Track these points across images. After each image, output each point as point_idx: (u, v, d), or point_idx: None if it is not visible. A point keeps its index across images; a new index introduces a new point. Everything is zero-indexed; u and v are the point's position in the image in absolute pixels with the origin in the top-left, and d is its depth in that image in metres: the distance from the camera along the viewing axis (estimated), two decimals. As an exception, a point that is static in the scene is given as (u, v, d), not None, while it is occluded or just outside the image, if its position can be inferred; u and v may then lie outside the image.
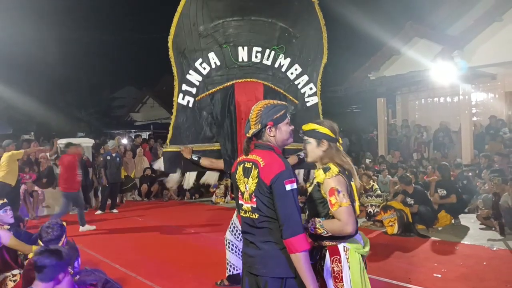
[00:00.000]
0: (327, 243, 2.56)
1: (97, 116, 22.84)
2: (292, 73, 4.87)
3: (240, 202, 2.49)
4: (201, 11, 4.72)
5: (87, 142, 12.27)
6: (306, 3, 4.86)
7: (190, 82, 4.76)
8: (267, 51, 4.79)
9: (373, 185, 9.12)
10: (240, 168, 2.50)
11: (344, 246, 2.56)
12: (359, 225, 2.66)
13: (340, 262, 2.54)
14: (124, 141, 15.02)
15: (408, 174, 8.84)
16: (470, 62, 11.77)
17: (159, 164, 4.93)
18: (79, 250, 4.01)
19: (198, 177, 4.83)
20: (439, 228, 7.64)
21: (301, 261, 2.26)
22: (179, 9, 4.68)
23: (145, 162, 13.34)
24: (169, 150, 4.79)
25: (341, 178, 2.51)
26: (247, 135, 2.50)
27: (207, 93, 4.77)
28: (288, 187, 2.29)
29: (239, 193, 2.51)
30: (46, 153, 11.21)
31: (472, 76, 11.95)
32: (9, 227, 4.61)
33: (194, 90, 4.77)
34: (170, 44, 4.72)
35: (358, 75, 14.95)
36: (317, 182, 2.57)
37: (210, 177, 4.86)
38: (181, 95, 4.76)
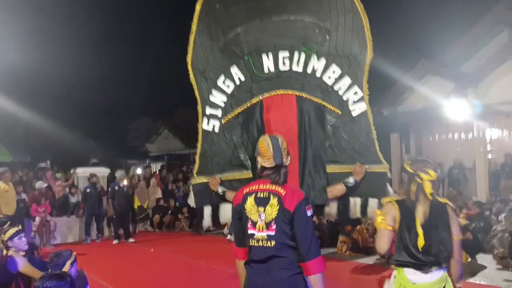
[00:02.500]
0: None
1: (113, 146, 23.14)
2: (329, 77, 4.07)
3: (251, 231, 2.53)
4: (217, 22, 4.23)
5: (102, 172, 12.46)
6: None
7: (214, 104, 4.28)
8: (296, 54, 4.07)
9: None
10: (250, 199, 2.56)
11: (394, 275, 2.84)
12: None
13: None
14: (139, 171, 15.19)
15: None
16: (484, 99, 11.76)
17: (190, 200, 4.49)
18: (88, 278, 4.06)
19: None
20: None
21: (320, 281, 2.41)
22: (193, 27, 4.24)
23: (158, 193, 13.42)
24: (198, 182, 4.33)
25: None
26: (286, 163, 2.60)
27: (233, 114, 4.26)
28: (309, 213, 2.48)
29: (250, 223, 2.54)
30: (62, 182, 11.37)
31: (487, 113, 11.93)
32: (24, 253, 4.69)
33: (219, 113, 4.29)
34: (189, 66, 4.30)
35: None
36: None
37: None
38: (205, 119, 4.33)
